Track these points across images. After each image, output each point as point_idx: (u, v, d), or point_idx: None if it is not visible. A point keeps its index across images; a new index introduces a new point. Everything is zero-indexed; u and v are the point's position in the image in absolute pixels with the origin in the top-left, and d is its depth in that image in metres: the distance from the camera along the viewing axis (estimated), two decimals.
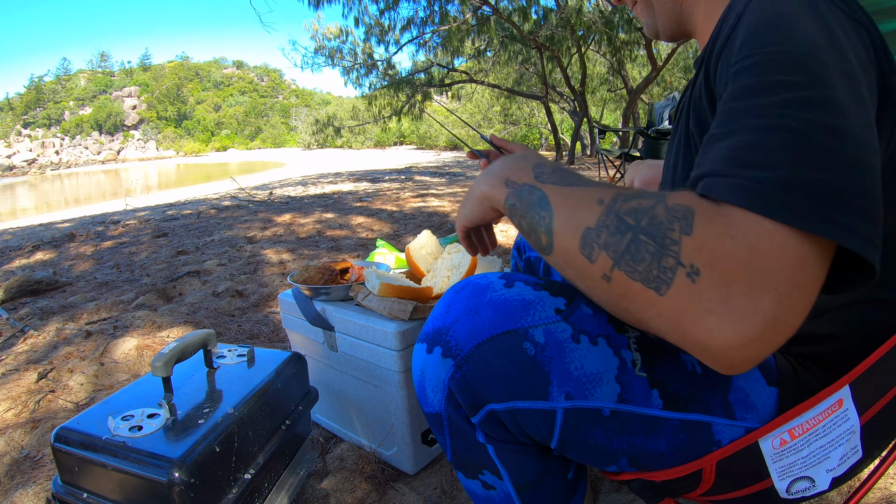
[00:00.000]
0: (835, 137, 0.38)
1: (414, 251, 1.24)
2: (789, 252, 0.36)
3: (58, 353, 1.85)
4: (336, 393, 1.24)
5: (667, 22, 0.66)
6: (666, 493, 0.60)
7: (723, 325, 0.37)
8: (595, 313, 0.54)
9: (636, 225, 0.41)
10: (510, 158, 0.56)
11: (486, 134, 0.84)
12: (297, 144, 54.33)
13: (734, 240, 0.37)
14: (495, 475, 0.59)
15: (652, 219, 0.40)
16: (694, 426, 0.54)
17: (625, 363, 0.53)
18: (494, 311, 0.52)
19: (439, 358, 0.54)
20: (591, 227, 0.43)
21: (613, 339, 0.53)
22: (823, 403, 0.48)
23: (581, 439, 0.53)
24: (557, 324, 0.52)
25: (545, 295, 0.54)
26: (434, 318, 0.56)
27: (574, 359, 0.51)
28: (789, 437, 0.49)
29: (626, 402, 0.52)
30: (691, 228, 0.38)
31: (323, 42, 14.21)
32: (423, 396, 0.58)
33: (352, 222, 4.26)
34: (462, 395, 0.54)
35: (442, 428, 0.58)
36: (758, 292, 0.36)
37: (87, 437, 0.76)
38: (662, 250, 0.39)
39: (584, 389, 0.51)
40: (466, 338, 0.52)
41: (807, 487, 0.50)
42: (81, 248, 3.87)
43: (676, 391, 0.54)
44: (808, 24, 0.42)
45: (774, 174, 0.37)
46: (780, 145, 0.38)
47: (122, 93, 79.47)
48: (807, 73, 0.39)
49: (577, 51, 12.12)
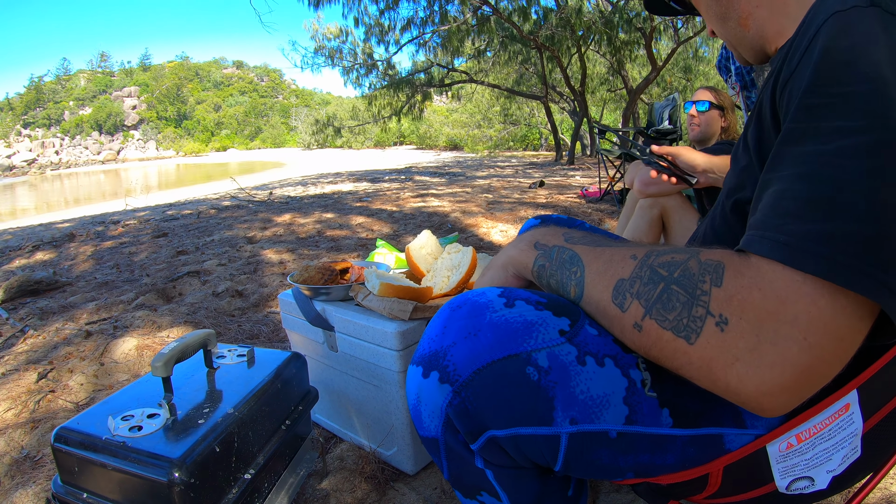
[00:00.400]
0: (883, 186, 0.38)
1: (414, 251, 1.24)
2: (820, 303, 0.37)
3: (58, 353, 1.85)
4: (336, 393, 1.24)
5: (745, 49, 0.66)
6: (671, 496, 0.59)
7: (751, 372, 0.38)
8: (601, 333, 0.52)
9: (669, 276, 0.43)
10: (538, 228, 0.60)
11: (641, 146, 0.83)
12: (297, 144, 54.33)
13: (762, 291, 0.38)
14: (494, 497, 0.57)
15: (684, 271, 0.43)
16: (704, 440, 0.52)
17: (634, 384, 0.51)
18: (495, 333, 0.50)
19: (436, 383, 0.51)
20: (624, 278, 0.46)
21: (621, 358, 0.51)
22: (831, 408, 0.48)
23: (586, 460, 0.52)
24: (562, 346, 0.50)
25: (548, 315, 0.51)
26: (430, 340, 0.53)
27: (580, 382, 0.49)
28: (796, 442, 0.49)
29: (634, 424, 0.50)
30: (721, 280, 0.41)
31: (323, 42, 14.21)
32: (418, 421, 0.55)
33: (352, 222, 4.26)
34: (460, 422, 0.51)
35: (438, 452, 0.56)
36: (786, 342, 0.37)
37: (87, 437, 0.75)
38: (693, 300, 0.41)
39: (591, 413, 0.49)
40: (465, 363, 0.49)
41: (806, 486, 0.50)
42: (81, 248, 3.86)
43: (687, 407, 0.52)
44: (879, 54, 0.41)
45: (808, 227, 0.38)
46: (819, 196, 0.39)
47: (122, 93, 79.44)
48: (867, 116, 0.39)
49: (576, 51, 12.12)
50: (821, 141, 0.40)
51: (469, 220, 4.01)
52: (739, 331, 0.39)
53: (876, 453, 0.55)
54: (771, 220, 0.40)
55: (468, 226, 3.83)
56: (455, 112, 27.98)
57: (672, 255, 0.45)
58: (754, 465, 0.51)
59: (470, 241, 3.35)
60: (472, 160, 16.12)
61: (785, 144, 0.43)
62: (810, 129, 0.42)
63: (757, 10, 0.61)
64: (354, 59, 14.04)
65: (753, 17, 0.62)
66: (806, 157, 0.41)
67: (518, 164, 12.65)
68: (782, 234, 0.39)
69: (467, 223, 3.92)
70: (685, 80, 15.36)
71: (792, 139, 0.43)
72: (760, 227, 0.41)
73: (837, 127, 0.40)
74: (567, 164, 11.39)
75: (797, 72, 0.46)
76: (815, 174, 0.39)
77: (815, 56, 0.44)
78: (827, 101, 0.41)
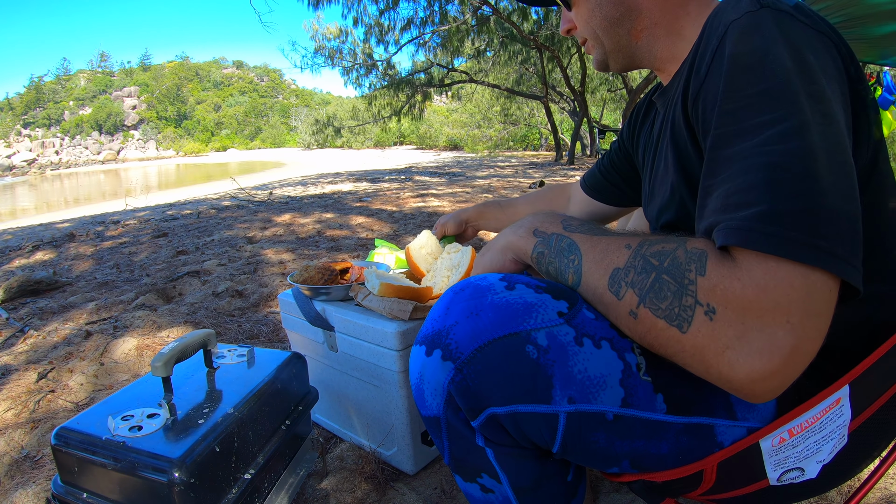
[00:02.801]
0: (810, 162, 0.40)
1: (414, 251, 1.24)
2: (795, 283, 0.39)
3: (58, 353, 1.85)
4: (336, 393, 1.24)
5: (620, 57, 0.69)
6: (667, 493, 0.60)
7: (742, 360, 0.40)
8: (598, 317, 0.53)
9: (659, 265, 0.45)
10: (537, 214, 0.62)
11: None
12: (297, 144, 54.35)
13: (741, 280, 0.40)
14: (494, 479, 0.58)
15: (673, 260, 0.45)
16: (696, 429, 0.53)
17: (629, 367, 0.52)
18: (496, 313, 0.51)
19: (439, 361, 0.53)
20: (619, 267, 0.48)
21: (617, 342, 0.52)
22: (823, 403, 0.48)
23: (583, 443, 0.53)
24: (560, 327, 0.51)
25: (547, 298, 0.53)
26: (433, 321, 0.55)
27: (577, 362, 0.51)
28: (788, 436, 0.50)
29: (630, 407, 0.52)
30: (704, 269, 0.42)
31: (323, 42, 14.23)
32: (420, 399, 0.57)
33: (352, 222, 4.26)
34: (462, 399, 0.53)
35: (440, 431, 0.58)
36: (771, 327, 0.39)
37: (86, 437, 0.76)
38: (682, 290, 0.43)
39: (588, 393, 0.51)
40: (467, 340, 0.51)
41: (797, 476, 0.51)
42: (81, 248, 3.87)
43: (680, 395, 0.53)
44: (780, 53, 0.45)
45: (759, 209, 0.40)
46: (762, 181, 0.41)
47: (122, 93, 79.45)
48: (783, 105, 0.43)
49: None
50: (749, 137, 0.43)
51: None
52: (726, 320, 0.40)
53: (866, 448, 0.56)
54: (727, 214, 0.42)
55: None
56: (455, 112, 28.00)
57: (663, 245, 0.46)
58: (748, 461, 0.52)
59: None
60: (472, 160, 16.12)
61: (716, 149, 0.46)
62: (736, 130, 0.44)
63: (655, 27, 0.64)
64: (354, 60, 14.06)
65: (649, 32, 0.65)
66: (739, 154, 0.43)
67: (518, 165, 12.66)
68: (739, 220, 0.41)
69: None
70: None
71: (721, 143, 0.45)
72: (719, 222, 0.43)
73: (760, 122, 0.43)
74: (567, 164, 11.40)
75: (707, 82, 0.49)
76: (752, 165, 0.42)
77: (725, 65, 0.47)
78: (745, 103, 0.45)
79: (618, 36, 0.66)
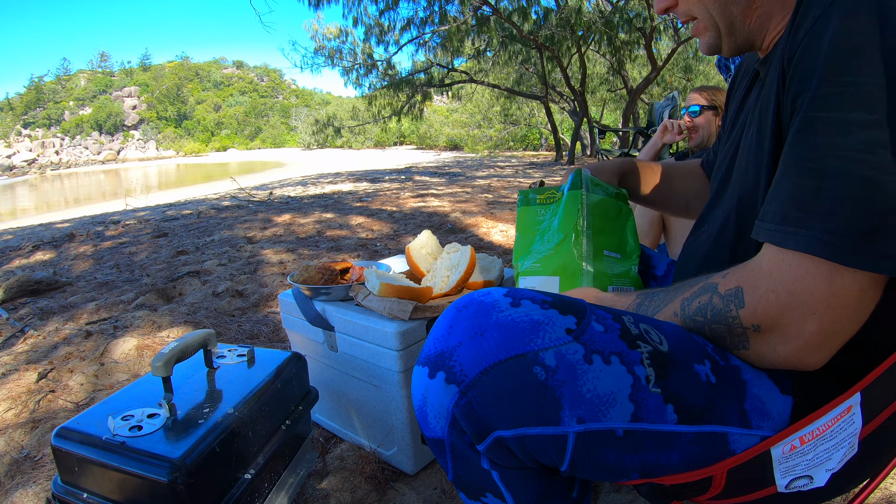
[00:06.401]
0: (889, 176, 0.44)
1: (414, 251, 1.24)
2: (819, 279, 0.46)
3: (58, 353, 1.85)
4: (336, 393, 1.24)
5: (734, 40, 0.65)
6: (674, 497, 0.59)
7: (788, 350, 0.50)
8: (607, 330, 0.52)
9: (704, 321, 0.55)
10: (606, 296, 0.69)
11: None
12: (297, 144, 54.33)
13: (776, 293, 0.49)
14: (499, 498, 0.57)
15: (713, 310, 0.54)
16: (709, 438, 0.52)
17: (638, 380, 0.50)
18: (501, 333, 0.49)
19: (442, 384, 0.50)
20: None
21: (626, 356, 0.51)
22: (835, 411, 0.48)
23: (593, 460, 0.51)
24: (569, 345, 0.49)
25: (555, 314, 0.51)
26: (435, 340, 0.52)
27: (587, 380, 0.49)
28: (799, 444, 0.49)
29: (640, 421, 0.50)
30: (742, 302, 0.51)
31: (323, 42, 14.22)
32: (424, 421, 0.54)
33: (351, 222, 4.26)
34: (467, 423, 0.51)
35: (444, 453, 0.56)
36: (803, 321, 0.48)
37: (87, 437, 0.76)
38: (730, 328, 0.53)
39: (597, 411, 0.49)
40: (472, 363, 0.49)
41: (805, 484, 0.51)
42: (81, 248, 3.86)
43: (692, 404, 0.52)
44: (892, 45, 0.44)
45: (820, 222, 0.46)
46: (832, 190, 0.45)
47: (122, 93, 79.39)
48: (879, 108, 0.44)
49: (576, 51, 12.13)
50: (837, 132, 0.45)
51: (469, 220, 4.01)
52: (770, 329, 0.50)
53: (876, 456, 0.55)
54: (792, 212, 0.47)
55: (468, 226, 3.83)
56: (455, 112, 27.99)
57: (699, 300, 0.55)
58: (758, 467, 0.51)
59: (470, 241, 3.35)
60: (472, 160, 16.11)
61: (801, 133, 0.48)
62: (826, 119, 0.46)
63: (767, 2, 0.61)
64: (354, 60, 14.05)
65: (763, 8, 0.61)
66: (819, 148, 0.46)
67: (518, 164, 12.65)
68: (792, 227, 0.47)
69: (467, 223, 3.92)
70: (685, 79, 15.37)
71: (809, 129, 0.48)
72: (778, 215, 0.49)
73: (854, 120, 0.44)
74: (567, 164, 11.40)
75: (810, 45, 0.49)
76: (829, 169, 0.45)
77: (829, 42, 0.47)
78: (841, 90, 0.46)
79: (730, 16, 0.62)
